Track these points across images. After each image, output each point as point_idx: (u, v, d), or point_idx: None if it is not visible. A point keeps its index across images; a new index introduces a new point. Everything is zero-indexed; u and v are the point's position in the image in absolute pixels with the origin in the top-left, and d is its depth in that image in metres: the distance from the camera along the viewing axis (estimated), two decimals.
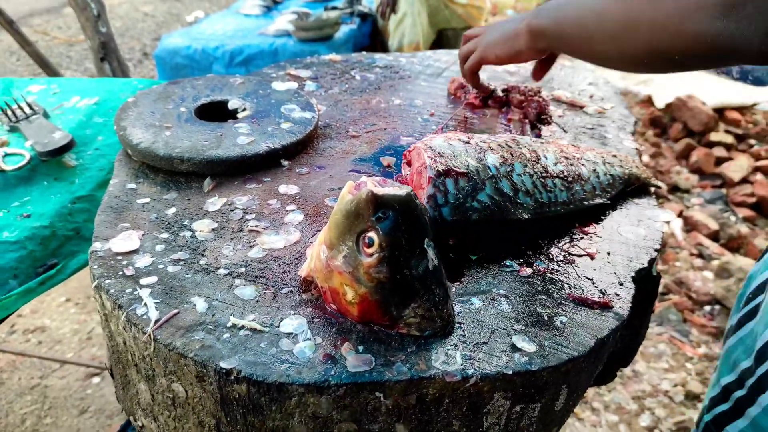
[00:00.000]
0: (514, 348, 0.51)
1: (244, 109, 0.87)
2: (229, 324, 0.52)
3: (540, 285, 0.59)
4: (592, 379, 0.60)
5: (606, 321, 0.55)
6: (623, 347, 0.69)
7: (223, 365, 0.48)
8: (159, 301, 0.55)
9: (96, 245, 0.62)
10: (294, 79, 1.03)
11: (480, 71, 0.89)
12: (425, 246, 0.51)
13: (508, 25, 0.79)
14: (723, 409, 0.58)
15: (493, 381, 0.49)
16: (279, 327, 0.52)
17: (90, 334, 1.84)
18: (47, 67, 2.48)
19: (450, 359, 0.50)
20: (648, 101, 3.02)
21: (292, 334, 0.52)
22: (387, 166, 0.78)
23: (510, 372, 0.49)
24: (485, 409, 0.51)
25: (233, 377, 0.48)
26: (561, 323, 0.55)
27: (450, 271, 0.59)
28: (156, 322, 0.52)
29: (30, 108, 1.00)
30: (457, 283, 0.59)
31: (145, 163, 0.77)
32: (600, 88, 1.08)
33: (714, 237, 2.18)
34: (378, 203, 0.49)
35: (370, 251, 0.49)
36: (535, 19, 0.73)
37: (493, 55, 0.81)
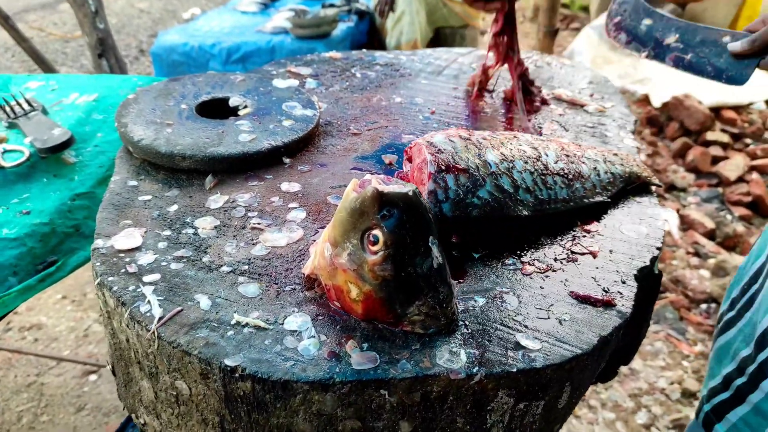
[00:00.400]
0: (518, 346, 0.51)
1: (245, 107, 0.87)
2: (233, 321, 0.52)
3: (543, 283, 0.60)
4: (594, 377, 0.61)
5: (609, 319, 0.55)
6: (625, 345, 0.70)
7: (228, 363, 0.48)
8: (162, 299, 0.54)
9: (98, 242, 0.62)
10: (294, 77, 1.02)
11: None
12: (430, 244, 0.51)
13: None
14: (723, 398, 0.59)
15: (498, 379, 0.49)
16: (283, 324, 0.52)
17: (86, 331, 1.83)
18: (43, 64, 2.46)
19: (454, 357, 0.50)
20: (645, 100, 3.03)
21: (296, 331, 0.52)
22: (389, 163, 0.78)
23: (514, 370, 0.49)
24: (489, 407, 0.51)
25: (238, 375, 0.48)
26: (564, 321, 0.55)
27: (453, 269, 0.59)
28: (160, 319, 0.52)
29: (29, 104, 0.99)
30: (461, 281, 0.59)
31: (147, 161, 0.77)
32: (600, 86, 1.08)
33: (710, 236, 2.19)
34: (383, 201, 0.49)
35: (374, 249, 0.49)
36: None
37: None
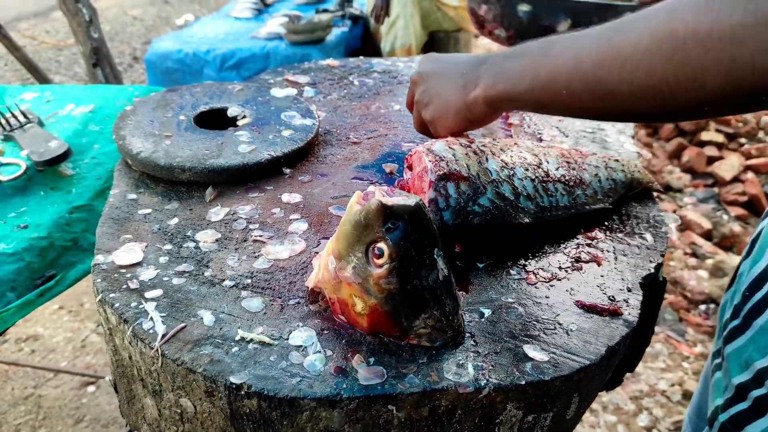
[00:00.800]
0: (525, 357, 0.51)
1: (243, 117, 0.86)
2: (238, 337, 0.52)
3: (548, 292, 0.59)
4: (602, 386, 0.60)
5: (616, 328, 0.55)
6: (630, 352, 0.69)
7: (234, 380, 0.48)
8: (165, 315, 0.54)
9: (99, 258, 0.61)
10: (292, 85, 1.02)
11: None
12: (435, 256, 0.50)
13: (452, 87, 0.65)
14: (741, 409, 0.57)
15: (506, 392, 0.48)
16: (288, 339, 0.52)
17: (84, 341, 1.82)
18: (37, 72, 2.45)
19: (462, 370, 0.49)
20: None
21: (301, 346, 0.51)
22: (390, 173, 0.78)
23: (523, 382, 0.49)
24: (498, 420, 0.50)
25: (244, 392, 0.47)
26: (571, 331, 0.54)
27: (458, 280, 0.59)
28: (163, 336, 0.51)
29: (24, 116, 0.98)
30: (466, 292, 0.58)
31: (146, 173, 0.76)
32: None
33: (707, 236, 2.20)
34: (387, 214, 0.48)
35: (379, 262, 0.49)
36: (494, 89, 0.60)
37: (446, 131, 0.69)
